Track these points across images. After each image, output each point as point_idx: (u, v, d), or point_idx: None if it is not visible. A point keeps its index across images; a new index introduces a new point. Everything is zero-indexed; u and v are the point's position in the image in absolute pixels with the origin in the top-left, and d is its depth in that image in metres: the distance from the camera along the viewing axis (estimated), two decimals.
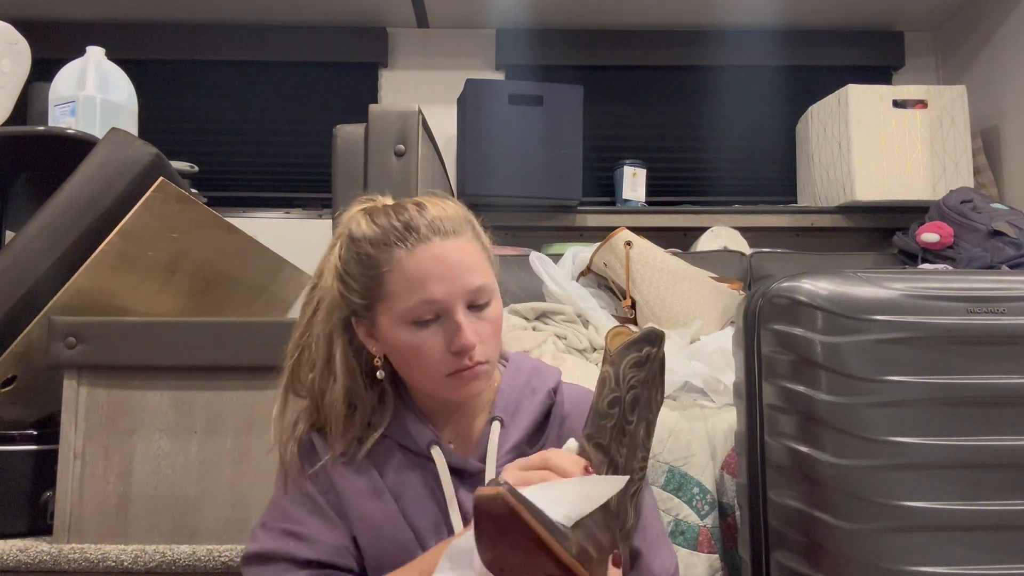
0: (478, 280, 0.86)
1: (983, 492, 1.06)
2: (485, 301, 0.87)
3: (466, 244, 0.87)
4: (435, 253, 0.85)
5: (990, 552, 1.05)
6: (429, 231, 0.86)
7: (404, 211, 0.88)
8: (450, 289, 0.84)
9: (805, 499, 1.08)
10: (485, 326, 0.87)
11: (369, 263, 0.86)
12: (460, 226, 0.88)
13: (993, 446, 1.07)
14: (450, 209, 0.90)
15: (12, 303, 1.38)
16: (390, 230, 0.86)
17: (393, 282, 0.85)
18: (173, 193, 1.45)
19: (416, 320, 0.84)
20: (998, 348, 1.09)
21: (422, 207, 0.88)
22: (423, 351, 0.85)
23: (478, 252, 0.88)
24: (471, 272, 0.86)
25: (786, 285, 1.12)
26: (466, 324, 0.84)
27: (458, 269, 0.85)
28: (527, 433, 0.92)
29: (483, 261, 0.89)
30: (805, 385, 1.08)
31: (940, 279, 1.13)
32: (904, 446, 1.06)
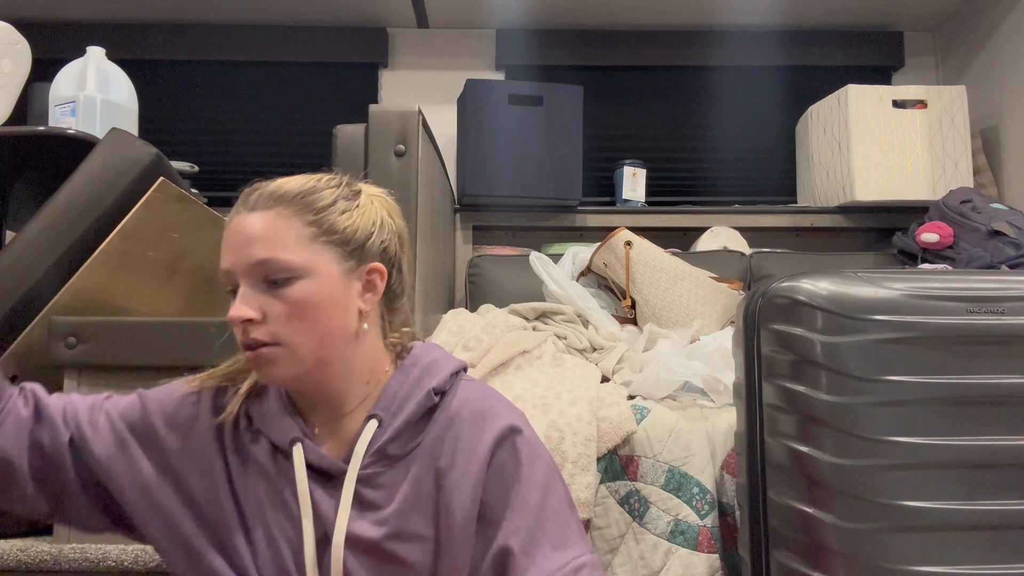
0: (262, 253, 0.82)
1: (983, 492, 1.06)
2: (280, 278, 0.82)
3: (272, 218, 0.83)
4: (235, 224, 0.84)
5: (990, 552, 1.05)
6: (243, 203, 0.85)
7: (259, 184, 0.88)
8: (234, 260, 0.83)
9: (805, 499, 1.08)
10: (277, 305, 0.82)
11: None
12: (280, 201, 0.84)
13: (993, 446, 1.07)
14: (292, 184, 0.87)
15: (12, 303, 1.38)
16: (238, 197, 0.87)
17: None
18: (173, 193, 1.45)
19: (227, 287, 0.84)
20: (998, 348, 1.09)
21: (274, 180, 0.88)
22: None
23: (287, 228, 0.83)
24: (259, 245, 0.82)
25: (786, 285, 1.12)
26: (240, 297, 0.82)
27: (246, 241, 0.82)
28: (397, 433, 0.87)
29: (286, 237, 0.83)
30: (805, 385, 1.08)
31: (940, 279, 1.13)
32: (904, 446, 1.06)
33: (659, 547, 1.28)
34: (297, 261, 0.82)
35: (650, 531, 1.29)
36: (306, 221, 0.84)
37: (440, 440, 0.87)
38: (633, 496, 1.31)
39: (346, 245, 0.85)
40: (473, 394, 0.91)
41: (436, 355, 0.93)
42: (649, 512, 1.30)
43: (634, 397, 1.47)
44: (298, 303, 0.82)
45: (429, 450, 0.87)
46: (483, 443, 0.86)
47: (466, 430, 0.87)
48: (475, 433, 0.86)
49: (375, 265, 0.87)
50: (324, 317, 0.83)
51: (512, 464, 0.85)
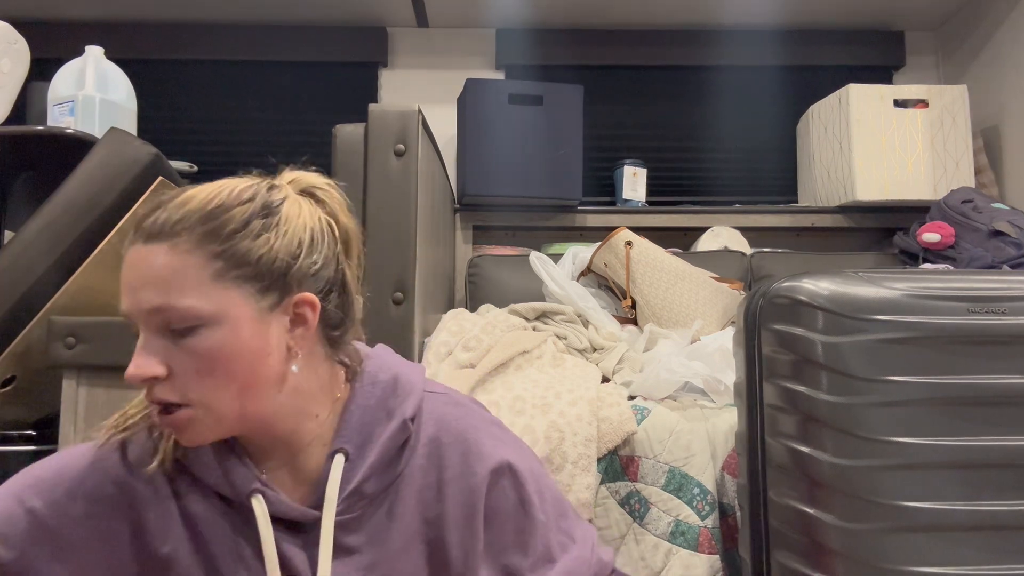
0: (157, 299, 0.68)
1: (983, 492, 1.06)
2: (183, 327, 0.68)
3: (167, 254, 0.68)
4: (129, 258, 0.70)
5: (990, 552, 1.05)
6: (142, 230, 0.70)
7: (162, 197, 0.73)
8: (129, 303, 0.70)
9: (806, 499, 1.08)
10: (188, 360, 0.68)
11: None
12: (183, 229, 0.69)
13: (993, 446, 1.07)
14: (195, 203, 0.71)
15: (11, 303, 1.38)
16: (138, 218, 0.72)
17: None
18: None
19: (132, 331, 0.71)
20: (999, 348, 1.09)
21: (175, 196, 0.72)
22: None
23: (185, 266, 0.68)
24: (153, 288, 0.68)
25: (787, 285, 1.12)
26: (138, 349, 0.70)
27: (141, 282, 0.68)
28: (375, 471, 0.75)
29: (185, 278, 0.68)
30: (806, 385, 1.08)
31: (941, 279, 1.13)
32: (905, 446, 1.06)
33: (660, 548, 1.27)
34: (200, 307, 0.68)
35: (650, 532, 1.29)
36: (210, 254, 0.69)
37: (422, 470, 0.78)
38: (633, 497, 1.31)
39: (262, 278, 0.70)
40: (446, 411, 0.81)
41: (395, 368, 0.82)
42: (649, 513, 1.30)
43: (634, 397, 1.47)
44: (206, 355, 0.68)
45: (410, 481, 0.77)
46: (476, 477, 0.77)
47: (452, 459, 0.78)
48: (463, 464, 0.78)
49: (303, 296, 0.72)
50: (241, 368, 0.69)
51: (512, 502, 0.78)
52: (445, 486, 0.77)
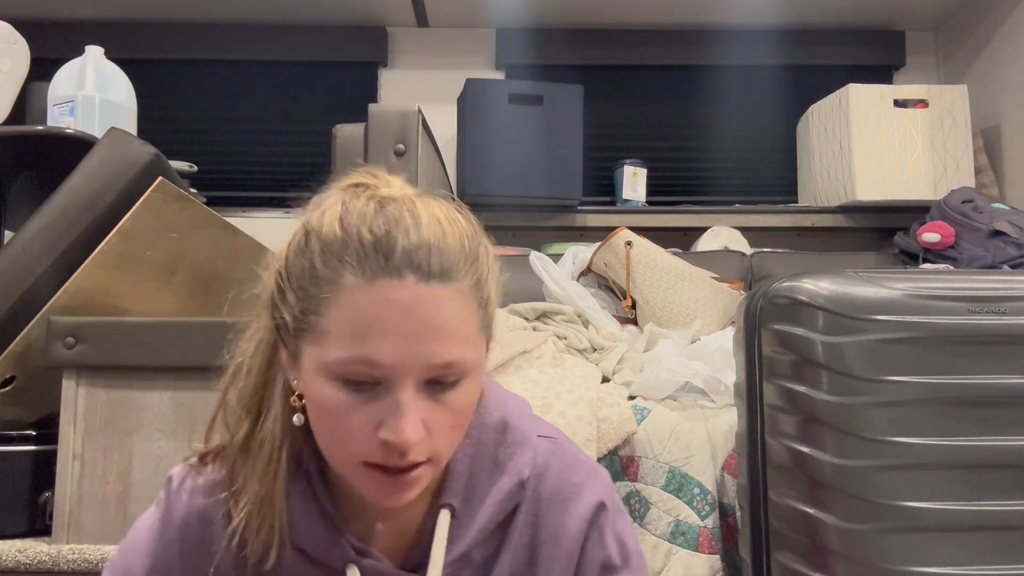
0: (449, 353, 0.60)
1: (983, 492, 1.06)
2: (453, 380, 0.61)
3: (452, 298, 0.60)
4: (400, 299, 0.59)
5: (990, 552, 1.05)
6: (404, 262, 0.59)
7: (389, 216, 0.61)
8: (403, 355, 0.59)
9: (806, 499, 1.08)
10: (444, 415, 0.62)
11: (311, 276, 0.61)
12: (455, 267, 0.61)
13: (993, 446, 1.07)
14: (453, 236, 0.62)
15: (11, 303, 1.38)
16: (353, 239, 0.60)
17: (332, 316, 0.60)
18: (172, 193, 1.45)
19: (346, 378, 0.60)
20: (999, 348, 1.09)
21: (416, 218, 0.61)
22: (343, 421, 0.61)
23: (466, 312, 0.62)
24: (443, 339, 0.59)
25: (787, 285, 1.12)
26: (411, 409, 0.59)
27: (427, 331, 0.59)
28: (485, 534, 0.69)
29: (469, 325, 0.62)
30: (806, 385, 1.08)
31: (941, 279, 1.13)
32: (905, 446, 1.06)
33: (660, 548, 1.27)
34: (476, 358, 0.63)
35: (651, 532, 1.29)
36: (478, 298, 0.63)
37: (519, 527, 0.71)
38: (633, 497, 1.31)
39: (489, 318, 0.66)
40: (549, 462, 0.73)
41: (504, 408, 0.74)
42: (650, 513, 1.30)
43: (634, 397, 1.47)
44: (461, 408, 0.63)
45: (509, 543, 0.71)
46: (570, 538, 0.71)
47: (548, 518, 0.71)
48: (558, 524, 0.71)
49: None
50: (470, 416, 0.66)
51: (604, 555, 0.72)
52: (539, 548, 0.71)
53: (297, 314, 0.62)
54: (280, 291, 0.64)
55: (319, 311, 0.61)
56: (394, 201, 0.63)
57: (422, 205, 0.63)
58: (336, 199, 0.64)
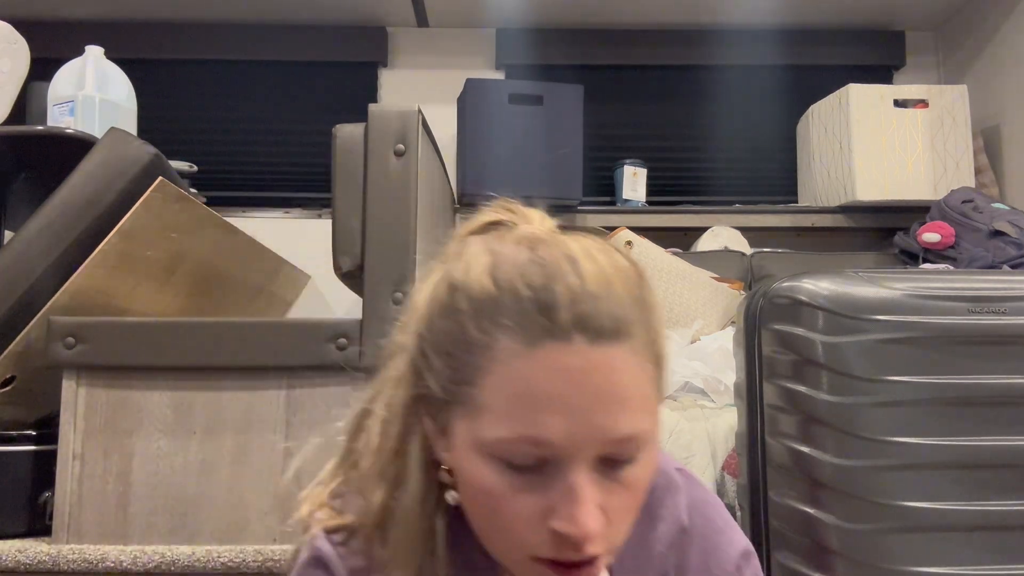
0: (627, 426, 0.51)
1: (983, 492, 1.06)
2: (630, 456, 0.53)
3: (626, 359, 0.52)
4: (570, 365, 0.50)
5: (990, 552, 1.05)
6: (574, 323, 0.50)
7: (546, 264, 0.53)
8: (577, 431, 0.50)
9: (806, 499, 1.08)
10: (621, 496, 0.53)
11: (462, 341, 0.53)
12: (626, 322, 0.52)
13: (993, 446, 1.07)
14: (621, 283, 0.53)
15: (11, 303, 1.38)
16: (508, 296, 0.52)
17: (489, 388, 0.52)
18: (172, 193, 1.45)
19: (507, 459, 0.52)
20: (999, 348, 1.09)
21: (576, 264, 0.52)
22: (505, 508, 0.52)
23: (642, 373, 0.53)
24: (619, 410, 0.51)
25: (787, 285, 1.12)
26: (587, 493, 0.50)
27: (603, 402, 0.50)
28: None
29: (645, 389, 0.53)
30: (806, 385, 1.08)
31: (941, 279, 1.13)
32: (905, 446, 1.06)
33: None
34: (653, 427, 0.54)
35: None
36: (652, 356, 0.54)
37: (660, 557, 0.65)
38: None
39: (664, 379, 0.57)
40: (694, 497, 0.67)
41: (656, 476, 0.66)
42: None
43: None
44: (637, 486, 0.54)
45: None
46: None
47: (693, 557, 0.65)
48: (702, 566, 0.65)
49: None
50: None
51: None
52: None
53: (446, 384, 0.54)
54: (423, 355, 0.56)
55: (473, 381, 0.52)
56: (545, 244, 0.55)
57: (578, 247, 0.54)
58: (479, 247, 0.56)
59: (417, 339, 0.57)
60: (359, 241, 1.43)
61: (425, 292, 0.59)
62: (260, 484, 1.35)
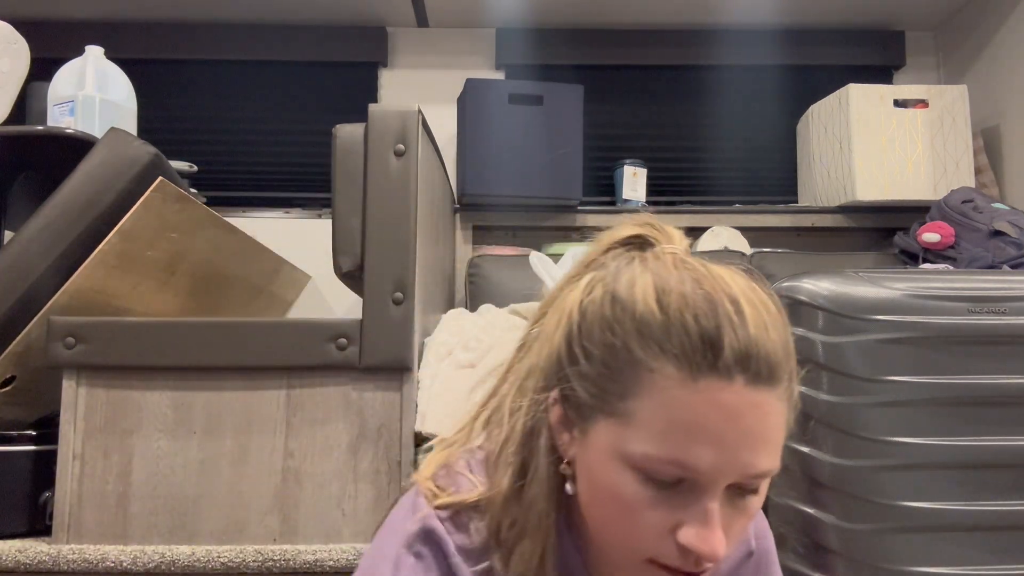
0: (768, 463, 0.56)
1: (983, 492, 1.06)
2: (755, 488, 0.58)
3: (775, 403, 0.56)
4: (728, 403, 0.54)
5: (990, 552, 1.05)
6: (735, 363, 0.55)
7: (712, 301, 0.57)
8: (724, 463, 0.55)
9: (806, 499, 1.08)
10: (739, 520, 0.59)
11: (623, 356, 0.57)
12: (780, 367, 0.57)
13: (993, 446, 1.07)
14: (775, 328, 0.58)
15: (11, 303, 1.38)
16: (676, 326, 0.56)
17: (643, 406, 0.56)
18: (172, 193, 1.45)
19: (648, 474, 0.56)
20: (999, 348, 1.09)
21: (737, 305, 0.57)
22: (635, 515, 0.57)
23: (784, 416, 0.58)
24: (763, 450, 0.56)
25: (787, 285, 1.12)
26: (718, 518, 0.56)
27: (751, 440, 0.55)
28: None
29: (784, 428, 0.58)
30: (806, 385, 1.08)
31: (941, 279, 1.13)
32: (904, 446, 1.06)
33: None
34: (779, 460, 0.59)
35: None
36: (792, 399, 0.59)
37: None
38: None
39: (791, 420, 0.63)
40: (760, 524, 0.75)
41: None
42: None
43: None
44: (752, 514, 0.60)
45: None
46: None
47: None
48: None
49: None
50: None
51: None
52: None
53: (595, 391, 0.58)
54: (571, 357, 0.60)
55: (626, 395, 0.57)
56: (705, 277, 0.59)
57: (736, 286, 0.59)
58: (639, 265, 0.61)
59: (566, 339, 0.61)
60: (359, 241, 1.43)
61: (576, 295, 0.62)
62: (260, 484, 1.35)
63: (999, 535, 1.05)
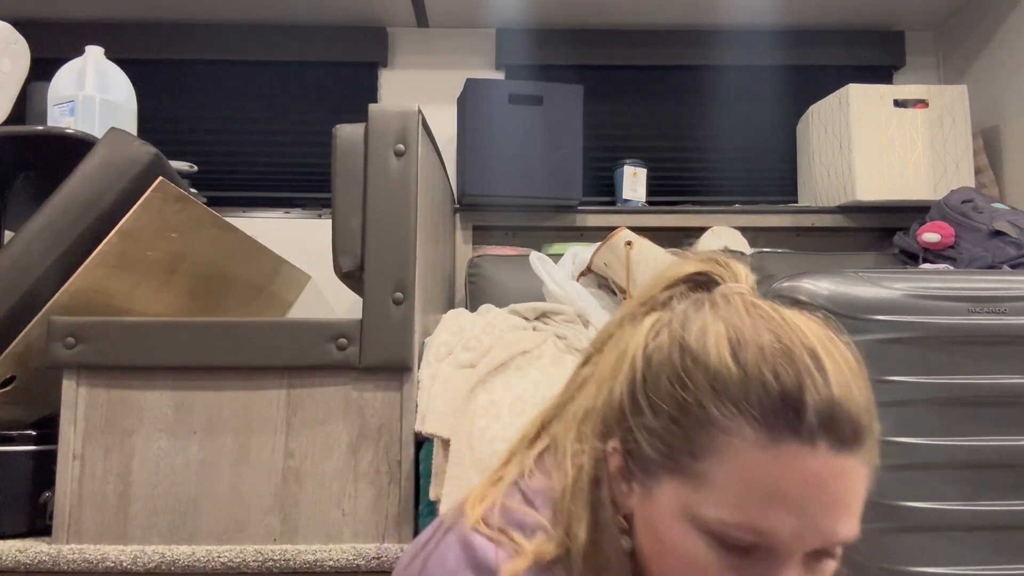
0: (849, 531, 0.54)
1: (983, 492, 1.06)
2: (836, 554, 0.57)
3: (860, 468, 0.53)
4: (811, 470, 0.51)
5: (990, 552, 1.05)
6: (820, 427, 0.51)
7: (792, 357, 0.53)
8: (803, 532, 0.52)
9: None
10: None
11: (695, 414, 0.54)
12: (865, 431, 0.54)
13: (993, 446, 1.07)
14: (859, 388, 0.54)
15: (11, 303, 1.38)
16: (755, 384, 0.52)
17: (717, 468, 0.52)
18: (172, 193, 1.45)
19: (721, 538, 0.53)
20: (999, 348, 1.09)
21: (822, 368, 0.53)
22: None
23: (867, 478, 0.55)
24: (848, 517, 0.54)
25: (787, 285, 1.12)
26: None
27: (833, 509, 0.52)
28: None
29: (865, 492, 0.55)
30: None
31: (941, 279, 1.13)
32: (904, 446, 1.06)
33: None
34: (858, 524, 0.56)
35: None
36: (873, 465, 0.56)
37: None
38: None
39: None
40: None
41: None
42: None
43: None
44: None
45: None
46: None
47: None
48: None
49: None
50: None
51: None
52: None
53: (662, 447, 0.55)
54: (636, 408, 0.56)
55: (697, 454, 0.53)
56: (784, 327, 0.55)
57: (814, 337, 0.54)
58: (710, 312, 0.56)
59: (628, 387, 0.57)
60: (359, 241, 1.43)
61: (639, 339, 0.58)
62: (260, 484, 1.35)
63: (999, 535, 1.05)
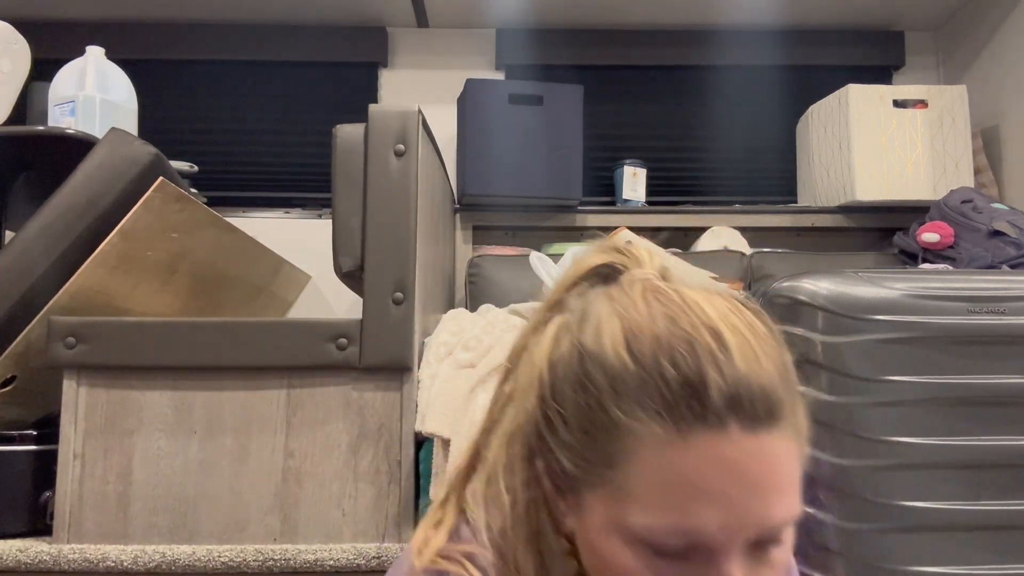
0: (785, 512, 0.50)
1: (983, 492, 1.06)
2: (778, 539, 0.52)
3: (780, 443, 0.50)
4: (726, 455, 0.48)
5: (990, 552, 1.05)
6: (727, 409, 0.48)
7: (688, 338, 0.49)
8: (734, 523, 0.48)
9: (805, 499, 1.08)
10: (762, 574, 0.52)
11: (600, 421, 0.50)
12: (779, 403, 0.50)
13: (993, 446, 1.07)
14: (768, 358, 0.51)
15: (11, 303, 1.38)
16: (653, 376, 0.49)
17: (634, 474, 0.49)
18: (173, 193, 1.45)
19: (654, 546, 0.49)
20: (999, 348, 1.09)
21: (723, 344, 0.49)
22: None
23: (794, 455, 0.51)
24: (778, 497, 0.50)
25: (786, 285, 1.12)
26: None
27: (760, 492, 0.49)
28: None
29: (796, 470, 0.52)
30: (806, 385, 1.08)
31: (941, 279, 1.13)
32: (904, 446, 1.06)
33: None
34: (799, 503, 0.52)
35: None
36: (800, 434, 0.52)
37: None
38: None
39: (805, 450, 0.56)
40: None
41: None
42: None
43: None
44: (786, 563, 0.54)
45: None
46: None
47: None
48: None
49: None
50: None
51: None
52: None
53: (580, 461, 0.51)
54: (549, 424, 0.53)
55: (614, 464, 0.49)
56: (679, 308, 0.50)
57: (714, 312, 0.50)
58: (605, 307, 0.52)
59: (539, 403, 0.54)
60: (359, 241, 1.43)
61: (544, 348, 0.54)
62: (260, 484, 1.35)
63: (999, 535, 1.05)
